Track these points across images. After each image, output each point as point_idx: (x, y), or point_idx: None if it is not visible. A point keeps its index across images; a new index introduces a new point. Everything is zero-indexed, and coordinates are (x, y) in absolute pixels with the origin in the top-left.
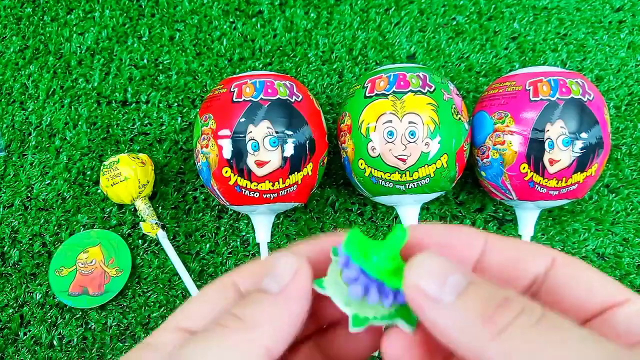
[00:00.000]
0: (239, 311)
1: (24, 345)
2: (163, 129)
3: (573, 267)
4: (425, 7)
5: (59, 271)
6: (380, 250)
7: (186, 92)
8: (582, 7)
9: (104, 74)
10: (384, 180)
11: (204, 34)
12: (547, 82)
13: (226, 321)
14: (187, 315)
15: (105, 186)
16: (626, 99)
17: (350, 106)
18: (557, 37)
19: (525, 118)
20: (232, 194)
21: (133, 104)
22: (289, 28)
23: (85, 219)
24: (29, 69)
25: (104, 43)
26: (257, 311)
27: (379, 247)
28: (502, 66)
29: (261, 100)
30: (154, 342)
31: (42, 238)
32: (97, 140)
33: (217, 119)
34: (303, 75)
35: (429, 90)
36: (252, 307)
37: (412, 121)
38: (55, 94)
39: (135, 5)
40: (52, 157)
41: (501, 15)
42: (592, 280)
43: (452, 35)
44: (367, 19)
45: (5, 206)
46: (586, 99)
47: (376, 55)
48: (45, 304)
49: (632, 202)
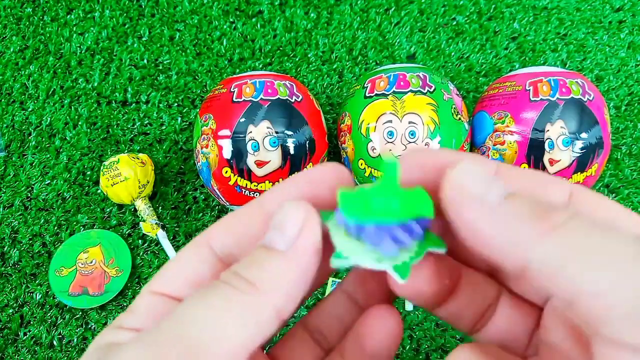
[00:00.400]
0: (244, 271)
1: (24, 345)
2: (163, 129)
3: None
4: (425, 7)
5: (59, 271)
6: (380, 193)
7: (186, 92)
8: (582, 7)
9: (104, 74)
10: None
11: (204, 34)
12: (547, 82)
13: (231, 281)
14: (165, 280)
15: (105, 186)
16: (626, 99)
17: (350, 106)
18: (557, 37)
19: (525, 118)
20: (232, 194)
21: (133, 104)
22: (289, 28)
23: (85, 219)
24: (29, 69)
25: (104, 43)
26: (265, 271)
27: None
28: (502, 66)
29: (261, 101)
30: (131, 309)
31: (42, 238)
32: (97, 140)
33: (217, 119)
34: (303, 75)
35: (429, 91)
36: (258, 267)
37: (412, 121)
38: (55, 94)
39: (135, 5)
40: (52, 157)
41: (501, 15)
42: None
43: (452, 35)
44: (367, 19)
45: (5, 206)
46: (586, 99)
47: (376, 55)
48: (45, 304)
49: (632, 202)
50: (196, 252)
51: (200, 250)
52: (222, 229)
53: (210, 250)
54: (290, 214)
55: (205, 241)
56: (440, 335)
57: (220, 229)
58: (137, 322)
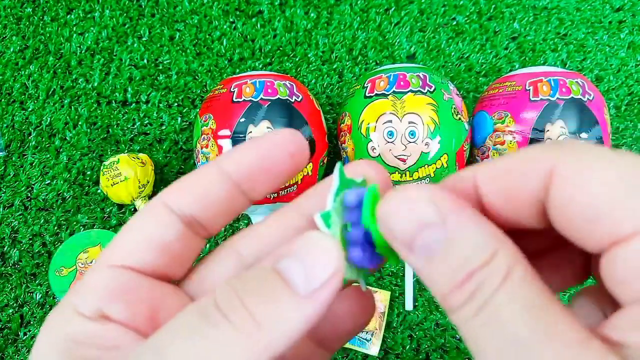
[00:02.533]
0: (250, 303)
1: (24, 345)
2: (163, 129)
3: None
4: (425, 7)
5: (59, 271)
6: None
7: (186, 92)
8: (582, 7)
9: (104, 74)
10: None
11: (204, 34)
12: (547, 82)
13: (233, 314)
14: (124, 251)
15: (105, 186)
16: (626, 99)
17: (350, 106)
18: (557, 37)
19: (525, 118)
20: None
21: (133, 104)
22: (289, 28)
23: (85, 219)
24: (29, 69)
25: (104, 43)
26: (276, 312)
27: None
28: (502, 66)
29: (261, 100)
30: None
31: (42, 238)
32: (97, 140)
33: (217, 119)
34: (303, 75)
35: (429, 90)
36: (268, 304)
37: (412, 121)
38: (55, 94)
39: (135, 5)
40: (52, 157)
41: (501, 15)
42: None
43: (452, 35)
44: (367, 19)
45: (5, 206)
46: (586, 99)
47: (376, 55)
48: (45, 304)
49: None
50: (153, 216)
51: (157, 212)
52: (178, 189)
53: (169, 210)
54: (322, 255)
55: (161, 203)
56: (440, 335)
57: (176, 189)
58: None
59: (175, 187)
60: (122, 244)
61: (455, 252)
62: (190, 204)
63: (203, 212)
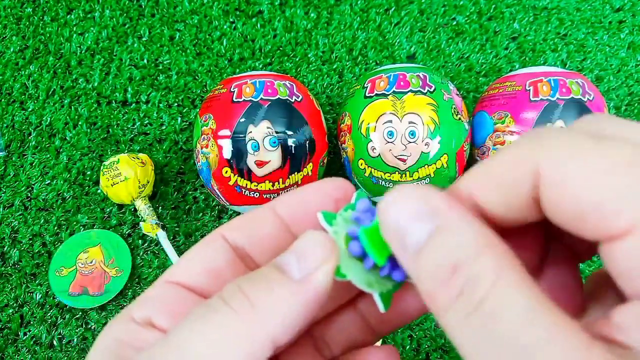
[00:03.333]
0: (248, 288)
1: (24, 345)
2: (163, 129)
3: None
4: (425, 7)
5: (59, 271)
6: None
7: (186, 92)
8: (582, 7)
9: (104, 74)
10: (384, 181)
11: (204, 34)
12: (547, 82)
13: (231, 300)
14: (179, 271)
15: (105, 186)
16: (626, 99)
17: (350, 106)
18: (557, 37)
19: (525, 118)
20: (232, 194)
21: (133, 104)
22: (289, 28)
23: (85, 219)
24: (29, 69)
25: (104, 43)
26: (272, 296)
27: None
28: (502, 66)
29: (261, 101)
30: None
31: (42, 238)
32: (97, 140)
33: (217, 119)
34: (303, 75)
35: (429, 90)
36: (266, 287)
37: (412, 121)
38: (55, 94)
39: (135, 5)
40: (52, 157)
41: (501, 15)
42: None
43: (452, 35)
44: (367, 19)
45: (5, 206)
46: (586, 99)
47: (376, 55)
48: (45, 304)
49: None
50: (210, 244)
51: (214, 242)
52: (234, 226)
53: (224, 241)
54: (314, 246)
55: (219, 235)
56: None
57: (232, 226)
58: (148, 311)
59: (234, 221)
60: (181, 264)
61: (440, 244)
62: (243, 241)
63: (254, 247)
